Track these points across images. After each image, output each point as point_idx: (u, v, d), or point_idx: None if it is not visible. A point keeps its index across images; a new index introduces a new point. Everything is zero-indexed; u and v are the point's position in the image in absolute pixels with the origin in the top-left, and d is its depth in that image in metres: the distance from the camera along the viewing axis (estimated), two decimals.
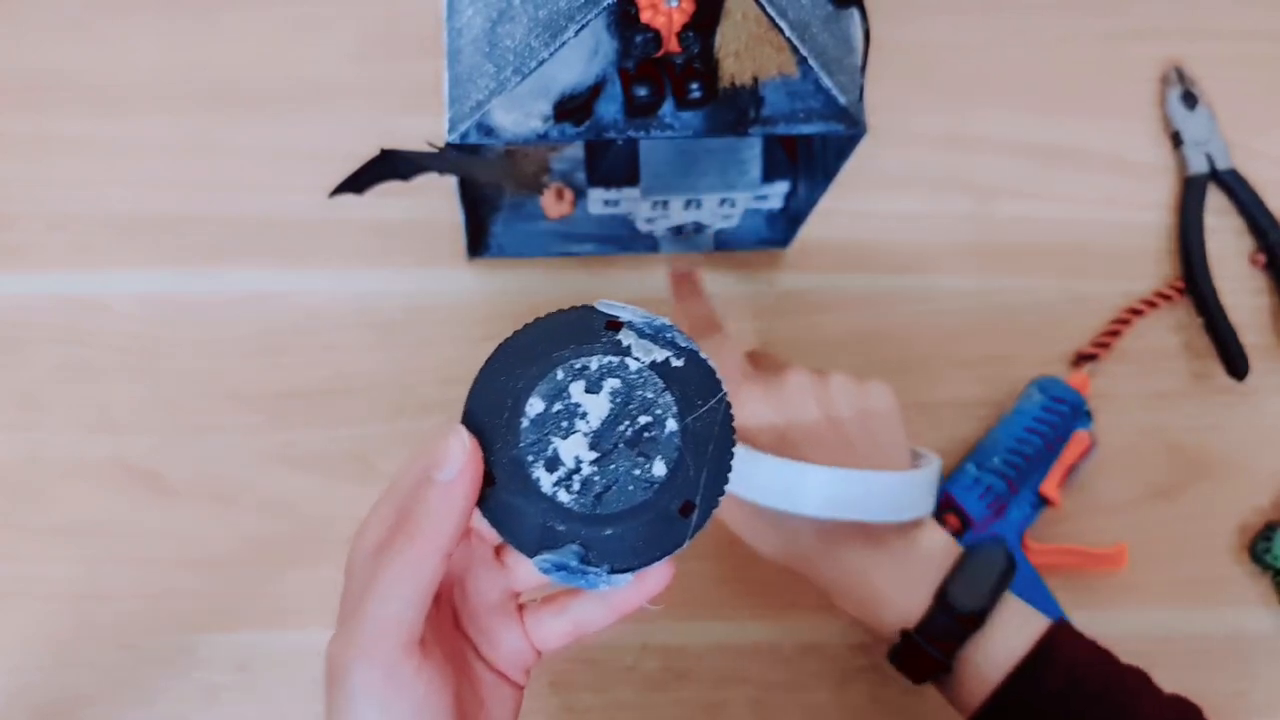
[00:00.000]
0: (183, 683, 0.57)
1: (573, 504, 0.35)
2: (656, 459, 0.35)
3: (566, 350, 0.35)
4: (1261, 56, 0.70)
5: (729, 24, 0.45)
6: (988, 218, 0.66)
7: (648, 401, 0.35)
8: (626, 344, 0.36)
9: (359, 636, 0.34)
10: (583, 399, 0.35)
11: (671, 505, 0.35)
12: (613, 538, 0.35)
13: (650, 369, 0.35)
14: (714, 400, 0.35)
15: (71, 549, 0.58)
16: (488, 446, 0.35)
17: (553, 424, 0.35)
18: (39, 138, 0.64)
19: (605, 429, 0.35)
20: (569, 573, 0.35)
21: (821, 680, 0.58)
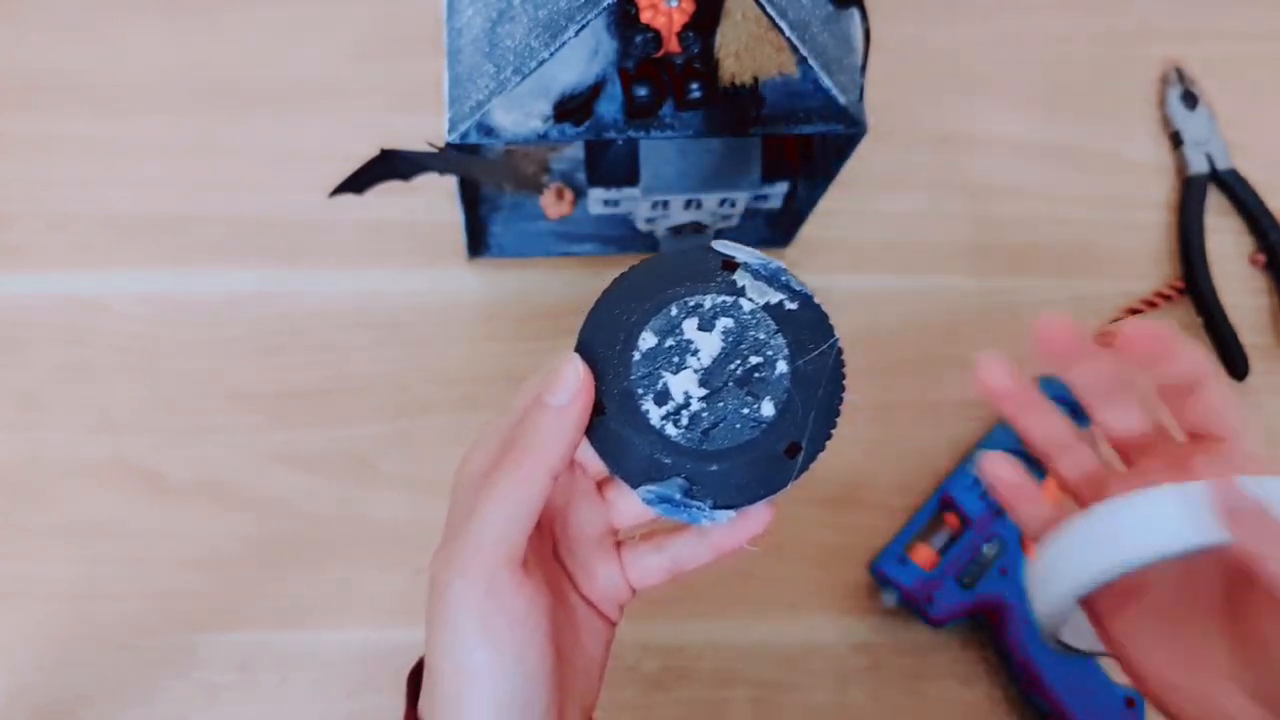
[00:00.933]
0: (183, 682, 0.57)
1: (680, 438, 0.35)
2: (765, 399, 0.35)
3: (681, 287, 0.36)
4: (1262, 56, 0.70)
5: (729, 24, 0.45)
6: (988, 217, 0.66)
7: (759, 342, 0.35)
8: (741, 284, 0.36)
9: (462, 552, 0.34)
10: (695, 336, 0.35)
11: (777, 446, 0.35)
12: (717, 474, 0.35)
13: (764, 310, 0.36)
14: (826, 345, 0.35)
15: (71, 549, 0.58)
16: (599, 377, 0.36)
17: (664, 359, 0.36)
18: (39, 138, 0.64)
19: (716, 366, 0.35)
20: (672, 505, 0.35)
21: (822, 680, 0.58)
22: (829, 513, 0.61)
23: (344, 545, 0.59)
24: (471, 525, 0.34)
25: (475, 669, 0.34)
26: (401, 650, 0.59)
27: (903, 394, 0.63)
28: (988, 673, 0.58)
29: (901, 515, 0.60)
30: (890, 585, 0.58)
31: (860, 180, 0.64)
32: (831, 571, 0.60)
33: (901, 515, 0.60)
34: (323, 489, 0.60)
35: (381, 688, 0.58)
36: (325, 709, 0.57)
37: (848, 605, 0.60)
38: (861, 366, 0.63)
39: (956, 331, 0.64)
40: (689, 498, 0.35)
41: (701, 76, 0.46)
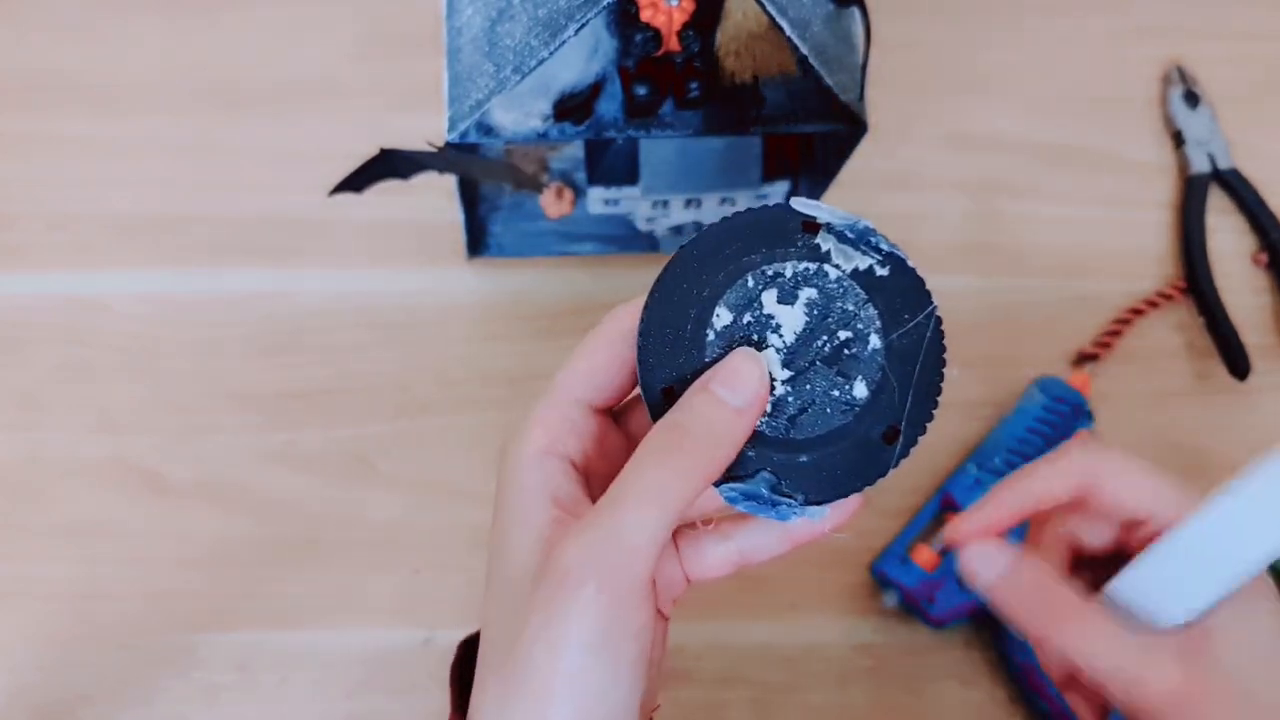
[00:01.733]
0: (182, 683, 0.57)
1: (764, 427, 0.32)
2: (857, 379, 0.32)
3: (758, 255, 0.32)
4: (1263, 56, 0.70)
5: (729, 23, 0.45)
6: (989, 217, 0.66)
7: (848, 314, 0.32)
8: (825, 249, 0.32)
9: (604, 548, 0.30)
10: (775, 309, 0.31)
11: (873, 431, 0.32)
12: (808, 465, 0.32)
13: (851, 278, 0.32)
14: (923, 315, 0.32)
15: (71, 549, 0.58)
16: (669, 359, 0.32)
17: (742, 337, 0.31)
18: (39, 137, 0.64)
19: (800, 344, 0.31)
20: (758, 503, 0.32)
21: (822, 681, 0.58)
22: None
23: (344, 545, 0.59)
24: (609, 532, 0.30)
25: (577, 675, 0.30)
26: (401, 650, 0.59)
27: None
28: (989, 674, 0.58)
29: (902, 516, 0.60)
30: (891, 586, 0.58)
31: (861, 179, 0.64)
32: (832, 572, 0.60)
33: (902, 516, 0.60)
34: (323, 489, 0.60)
35: (381, 688, 0.57)
36: (325, 709, 0.57)
37: (848, 606, 0.60)
38: None
39: (957, 331, 0.63)
40: (777, 494, 0.32)
41: (702, 75, 0.46)
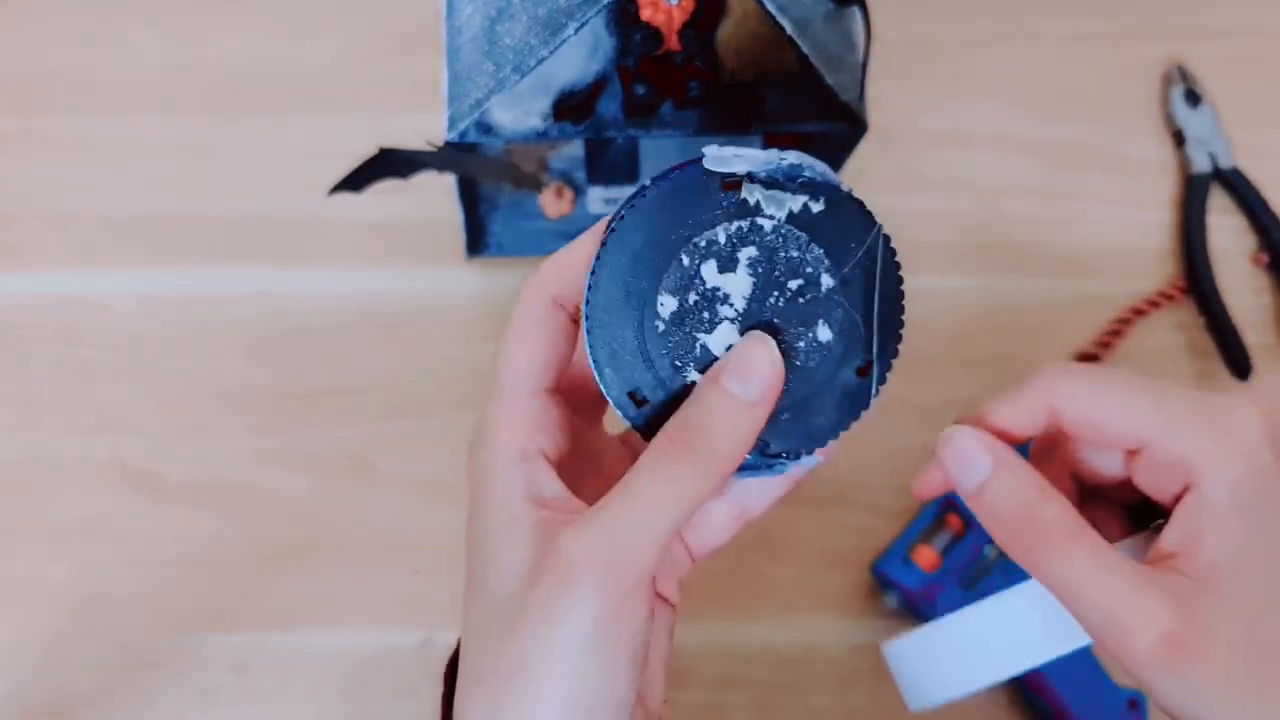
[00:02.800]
0: (181, 684, 0.57)
1: None
2: (819, 324, 0.31)
3: (684, 229, 0.30)
4: (1265, 55, 0.70)
5: (730, 21, 0.45)
6: (989, 217, 0.66)
7: (794, 261, 0.30)
8: (753, 201, 0.30)
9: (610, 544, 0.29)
10: (719, 280, 0.30)
11: (846, 372, 0.31)
12: (790, 421, 0.31)
13: (787, 223, 0.30)
14: (870, 238, 0.31)
15: (69, 549, 0.58)
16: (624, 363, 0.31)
17: (693, 319, 0.30)
18: (38, 137, 0.64)
19: (753, 307, 0.30)
20: (754, 470, 0.31)
21: (822, 682, 0.58)
22: (829, 514, 0.61)
23: (343, 546, 0.59)
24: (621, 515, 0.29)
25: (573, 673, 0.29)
26: (400, 652, 0.59)
27: (903, 394, 0.62)
28: None
29: (903, 517, 0.60)
30: (892, 587, 0.58)
31: (861, 179, 0.64)
32: (832, 573, 0.60)
33: (903, 517, 0.60)
34: (321, 489, 0.60)
35: (380, 689, 0.57)
36: (323, 710, 0.57)
37: (849, 607, 0.59)
38: None
39: (958, 331, 0.64)
40: (767, 456, 0.31)
41: (702, 74, 0.46)
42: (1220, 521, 0.29)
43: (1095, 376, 0.32)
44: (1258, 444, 0.30)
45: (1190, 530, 0.30)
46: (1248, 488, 0.29)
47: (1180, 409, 0.31)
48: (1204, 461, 0.30)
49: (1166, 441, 0.30)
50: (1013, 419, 0.33)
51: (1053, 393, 0.32)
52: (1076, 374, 0.32)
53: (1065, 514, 0.30)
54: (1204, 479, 0.30)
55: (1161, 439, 0.30)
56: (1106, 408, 0.31)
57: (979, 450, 0.32)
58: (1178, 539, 0.30)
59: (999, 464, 0.31)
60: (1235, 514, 0.29)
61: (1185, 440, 0.30)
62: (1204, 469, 0.30)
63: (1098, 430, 0.32)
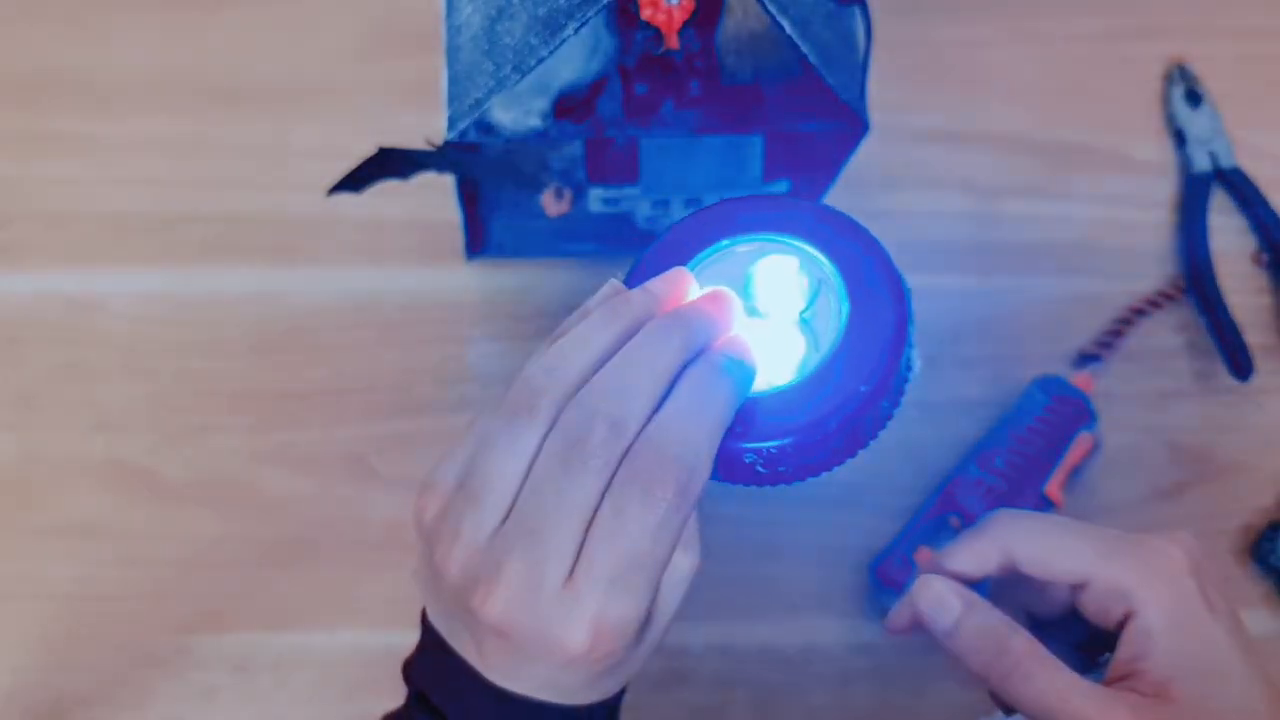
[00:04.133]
0: (179, 684, 0.57)
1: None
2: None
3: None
4: (1266, 55, 0.70)
5: (730, 21, 0.45)
6: (990, 216, 0.66)
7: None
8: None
9: None
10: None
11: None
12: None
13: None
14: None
15: (67, 549, 0.58)
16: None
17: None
18: (36, 136, 0.64)
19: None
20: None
21: (823, 682, 0.58)
22: (830, 513, 0.61)
23: (342, 546, 0.59)
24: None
25: None
26: (399, 652, 0.58)
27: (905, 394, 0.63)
28: None
29: (902, 516, 0.60)
30: (892, 586, 0.58)
31: (862, 179, 0.64)
32: (832, 573, 0.60)
33: (902, 516, 0.60)
34: (320, 489, 0.59)
35: (380, 689, 0.57)
36: (322, 710, 0.57)
37: (849, 607, 0.59)
38: None
39: (958, 331, 0.64)
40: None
41: (702, 74, 0.46)
42: (1160, 643, 0.35)
43: (1042, 522, 0.38)
44: (1182, 574, 0.36)
45: (1137, 652, 0.36)
46: (1179, 611, 0.35)
47: (1116, 548, 0.37)
48: (1140, 590, 0.36)
49: (1106, 575, 0.36)
50: (971, 562, 0.38)
51: (1005, 538, 0.38)
52: (1026, 521, 0.38)
53: (1032, 644, 0.36)
54: (1142, 606, 0.35)
55: (1102, 573, 0.36)
56: (1053, 549, 0.37)
57: (950, 595, 0.37)
58: (1127, 659, 0.36)
59: (968, 605, 0.37)
60: (1172, 634, 0.35)
61: (1122, 573, 0.36)
62: (1141, 596, 0.36)
63: (1047, 567, 0.37)
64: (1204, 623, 0.36)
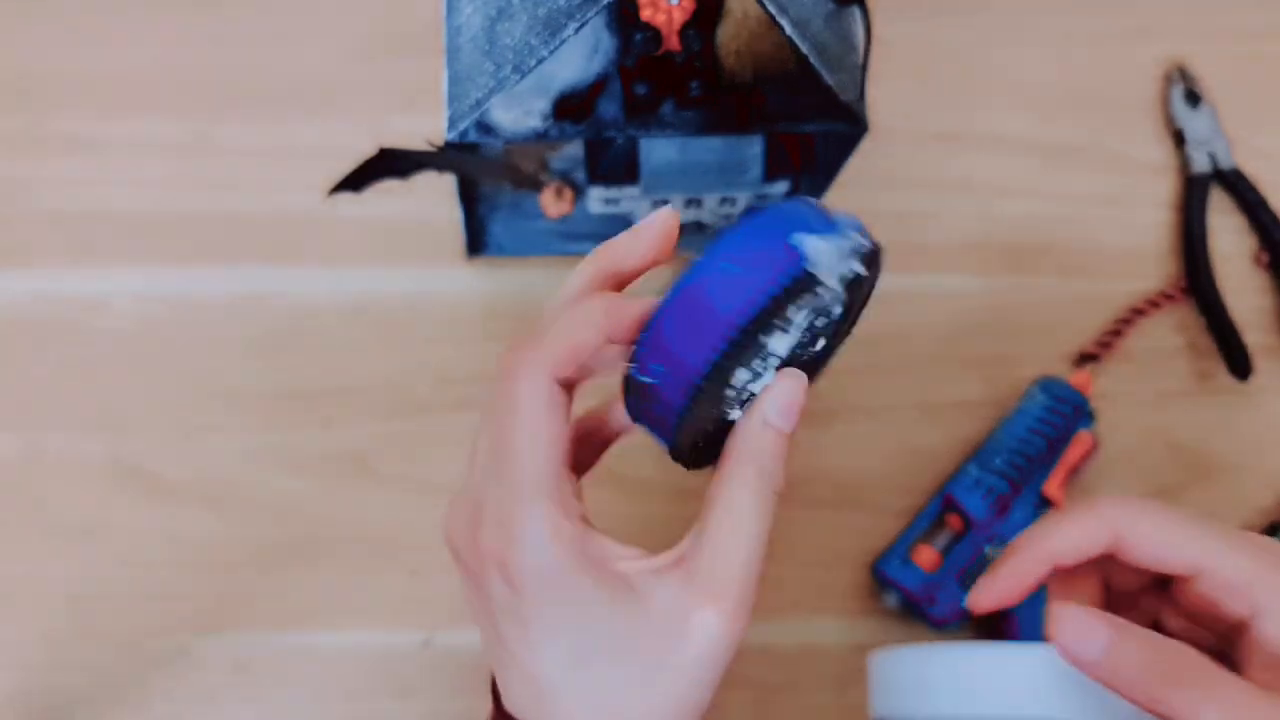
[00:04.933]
0: (180, 684, 0.57)
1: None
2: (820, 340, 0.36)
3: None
4: (1265, 55, 0.70)
5: (730, 22, 0.45)
6: (989, 217, 0.66)
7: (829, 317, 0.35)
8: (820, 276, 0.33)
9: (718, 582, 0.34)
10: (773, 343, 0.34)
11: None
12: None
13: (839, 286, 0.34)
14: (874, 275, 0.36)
15: (69, 549, 0.58)
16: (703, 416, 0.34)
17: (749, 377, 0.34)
18: (37, 137, 0.64)
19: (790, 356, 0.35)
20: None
21: (823, 681, 0.58)
22: (830, 514, 0.61)
23: (342, 546, 0.59)
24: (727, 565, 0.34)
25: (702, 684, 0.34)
26: (399, 652, 0.59)
27: (903, 394, 0.63)
28: None
29: (903, 516, 0.60)
30: (892, 586, 0.58)
31: (861, 179, 0.64)
32: (833, 572, 0.60)
33: (903, 516, 0.60)
34: (321, 490, 0.60)
35: (380, 690, 0.57)
36: (323, 711, 0.57)
37: (849, 606, 0.59)
38: (862, 366, 0.63)
39: (958, 331, 0.64)
40: None
41: (702, 74, 0.46)
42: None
43: (1158, 506, 0.36)
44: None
45: (1273, 655, 0.33)
46: None
47: (1238, 541, 0.35)
48: (1265, 581, 0.34)
49: (1229, 566, 0.34)
50: (1077, 540, 0.36)
51: (1119, 518, 0.35)
52: (1140, 503, 0.36)
53: (1203, 660, 0.33)
54: (1270, 603, 0.33)
55: (1224, 564, 0.34)
56: (1174, 535, 0.35)
57: (1096, 621, 0.33)
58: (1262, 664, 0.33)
59: (1118, 628, 0.33)
60: None
61: (1248, 566, 0.34)
62: (1267, 587, 0.34)
63: (1161, 553, 0.35)
64: None
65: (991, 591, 0.36)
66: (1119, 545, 0.35)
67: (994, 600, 0.36)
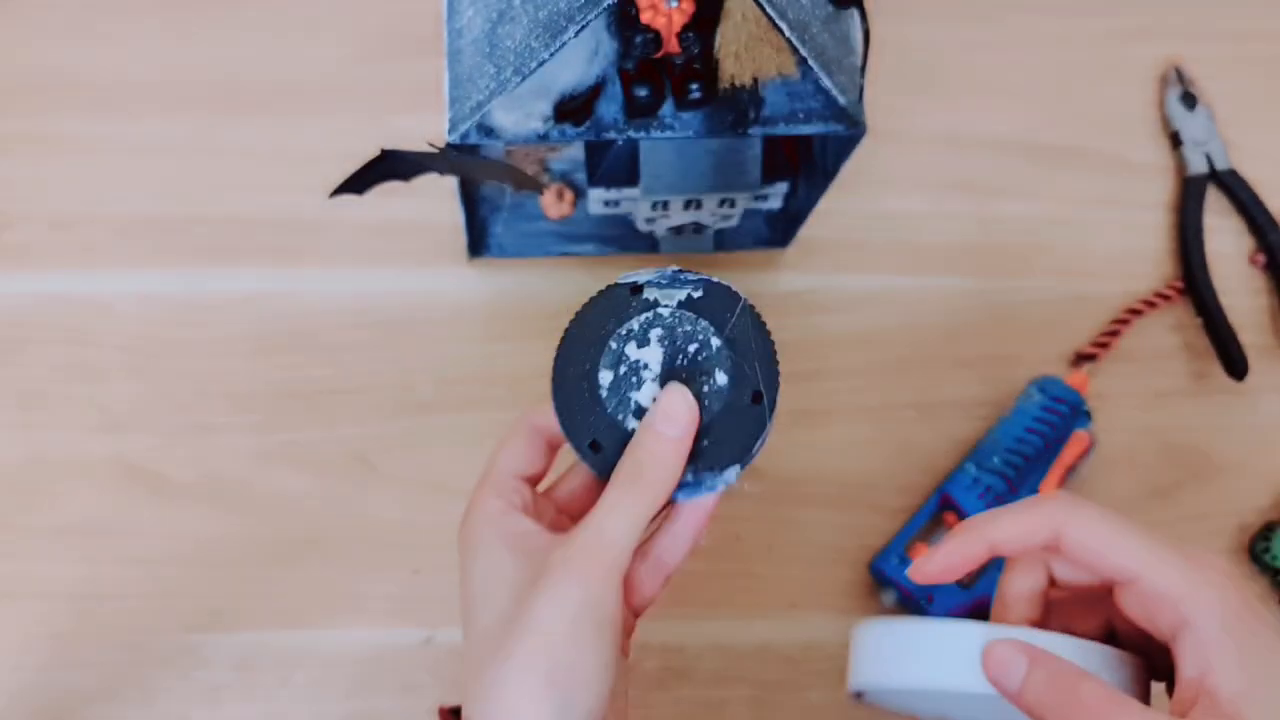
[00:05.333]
0: (183, 682, 0.57)
1: None
2: (716, 372, 0.41)
3: (610, 324, 0.42)
4: (1261, 57, 0.70)
5: (729, 24, 0.45)
6: (987, 218, 0.66)
7: (689, 333, 0.41)
8: (652, 298, 0.42)
9: (582, 554, 0.37)
10: (639, 354, 0.41)
11: (744, 400, 0.41)
12: (710, 446, 0.41)
13: (679, 307, 0.41)
14: (738, 308, 0.41)
15: (72, 548, 0.58)
16: (582, 425, 0.41)
17: (625, 383, 0.41)
18: (40, 137, 0.65)
19: (666, 368, 0.41)
20: (690, 489, 0.40)
21: (822, 679, 0.59)
22: (828, 513, 0.61)
23: (344, 545, 0.59)
24: (600, 528, 0.38)
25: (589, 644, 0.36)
26: (401, 650, 0.59)
27: (902, 394, 0.63)
28: None
29: (901, 515, 0.61)
30: (890, 585, 0.58)
31: (860, 181, 0.64)
32: (831, 571, 0.60)
33: (901, 515, 0.61)
34: (323, 489, 0.60)
35: (382, 687, 0.58)
36: (325, 709, 0.57)
37: (848, 605, 0.60)
38: (861, 366, 0.63)
39: (956, 331, 0.64)
40: (697, 474, 0.40)
41: (701, 77, 0.47)
42: (1221, 658, 0.34)
43: (1099, 510, 0.37)
44: (1231, 585, 0.35)
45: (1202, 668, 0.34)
46: (1233, 621, 0.34)
47: (1169, 552, 0.36)
48: (1192, 596, 0.34)
49: (1158, 575, 0.35)
50: (1017, 533, 0.37)
51: (1061, 517, 0.37)
52: (1083, 505, 0.37)
53: (1103, 687, 0.34)
54: (1194, 614, 0.34)
55: (1154, 573, 0.35)
56: (1109, 539, 0.36)
57: (1014, 653, 0.35)
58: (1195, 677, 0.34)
59: (1033, 659, 0.35)
60: (1231, 646, 0.34)
61: (1176, 576, 0.35)
62: (1194, 605, 0.34)
63: (1098, 556, 0.36)
64: (1260, 634, 0.34)
65: (932, 566, 0.38)
66: (1059, 542, 0.37)
67: (933, 574, 0.38)
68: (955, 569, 0.38)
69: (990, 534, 0.37)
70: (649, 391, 0.41)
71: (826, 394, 0.63)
